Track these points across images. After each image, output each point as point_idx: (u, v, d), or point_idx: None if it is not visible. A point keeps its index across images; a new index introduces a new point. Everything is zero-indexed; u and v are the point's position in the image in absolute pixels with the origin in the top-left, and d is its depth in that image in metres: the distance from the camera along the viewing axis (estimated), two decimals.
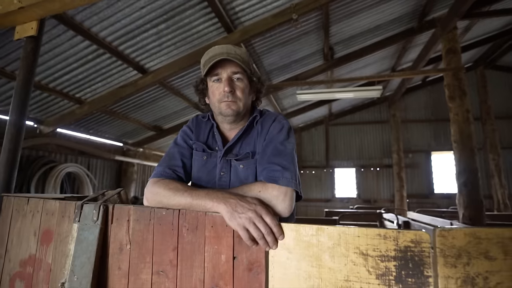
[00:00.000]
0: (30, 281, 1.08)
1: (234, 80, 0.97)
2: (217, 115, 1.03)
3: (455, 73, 4.46)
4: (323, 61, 5.39)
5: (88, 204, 1.01)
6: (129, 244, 0.93)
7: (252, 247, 0.76)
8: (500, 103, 8.90)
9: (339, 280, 0.70)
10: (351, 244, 0.70)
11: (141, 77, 3.85)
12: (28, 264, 1.11)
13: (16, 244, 1.15)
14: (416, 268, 0.65)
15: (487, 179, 8.97)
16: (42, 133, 4.35)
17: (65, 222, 1.07)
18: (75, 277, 0.92)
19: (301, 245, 0.74)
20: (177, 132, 4.01)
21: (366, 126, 10.23)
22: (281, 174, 0.84)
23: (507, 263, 0.63)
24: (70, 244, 1.00)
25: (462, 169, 4.32)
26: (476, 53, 8.33)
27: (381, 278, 0.67)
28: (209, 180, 0.99)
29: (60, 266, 1.03)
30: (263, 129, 1.01)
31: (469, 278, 0.63)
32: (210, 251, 0.82)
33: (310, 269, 0.72)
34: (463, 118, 4.35)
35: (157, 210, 0.91)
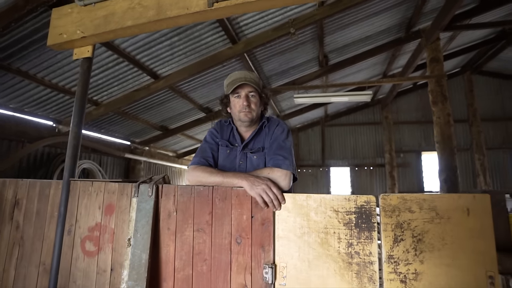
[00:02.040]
0: (98, 242, 1.46)
1: (249, 97, 1.35)
2: (237, 121, 1.42)
3: (438, 80, 4.89)
4: (319, 67, 5.79)
5: (143, 184, 1.39)
6: (175, 212, 1.32)
7: (264, 209, 1.15)
8: (485, 106, 9.36)
9: (321, 228, 1.09)
10: (328, 205, 1.09)
11: (154, 82, 4.22)
12: (95, 229, 1.49)
13: (84, 215, 1.53)
14: (367, 218, 1.05)
15: (473, 177, 9.44)
16: (61, 132, 4.69)
17: (123, 198, 1.45)
18: (138, 234, 1.30)
19: (296, 207, 1.13)
20: (182, 132, 4.46)
21: (360, 127, 10.66)
22: (283, 162, 1.23)
23: (421, 213, 1.02)
24: (131, 213, 1.38)
25: (443, 167, 4.74)
26: (463, 59, 8.79)
27: (346, 225, 1.06)
28: (231, 167, 1.37)
29: (122, 229, 1.41)
30: (269, 131, 1.39)
31: (399, 223, 1.03)
32: (235, 213, 1.20)
33: (302, 222, 1.11)
34: (444, 121, 4.76)
35: (196, 187, 1.29)
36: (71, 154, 1.68)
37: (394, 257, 1.01)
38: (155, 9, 1.50)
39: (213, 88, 5.26)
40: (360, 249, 1.03)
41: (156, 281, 1.28)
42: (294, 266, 1.09)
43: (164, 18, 1.47)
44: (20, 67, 3.18)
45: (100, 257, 1.44)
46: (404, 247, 1.01)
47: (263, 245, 1.14)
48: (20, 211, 1.70)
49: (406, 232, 1.01)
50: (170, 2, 1.47)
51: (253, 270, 1.14)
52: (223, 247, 1.20)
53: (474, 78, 9.02)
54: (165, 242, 1.30)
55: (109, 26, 1.61)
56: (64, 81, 3.71)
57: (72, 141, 1.71)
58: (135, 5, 1.56)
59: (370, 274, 1.02)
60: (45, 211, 1.64)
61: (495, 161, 9.20)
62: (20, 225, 1.68)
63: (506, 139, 9.31)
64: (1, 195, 1.79)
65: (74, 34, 1.69)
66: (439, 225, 1.01)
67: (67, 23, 1.74)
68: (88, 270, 1.46)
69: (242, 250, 1.17)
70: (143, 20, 1.52)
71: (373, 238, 1.03)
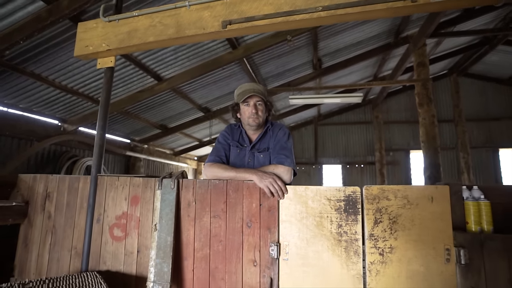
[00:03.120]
0: (125, 228, 1.69)
1: (257, 105, 1.59)
2: (245, 125, 1.66)
3: (424, 83, 5.20)
4: (312, 70, 6.05)
5: (166, 179, 1.61)
6: (194, 202, 1.55)
7: (270, 198, 1.39)
8: (470, 107, 9.77)
9: (316, 213, 1.34)
10: (322, 194, 1.34)
11: (157, 83, 4.41)
12: (122, 218, 1.71)
13: (111, 205, 1.75)
14: (353, 205, 1.30)
15: (458, 174, 9.89)
16: (66, 130, 4.85)
17: (147, 190, 1.67)
18: (163, 221, 1.53)
19: (297, 196, 1.37)
20: (180, 130, 4.72)
21: (352, 127, 10.99)
22: (285, 159, 1.47)
23: (396, 201, 1.28)
24: (155, 203, 1.61)
25: (428, 165, 5.06)
26: (450, 62, 9.17)
27: (337, 210, 1.31)
28: (241, 164, 1.61)
29: (147, 217, 1.64)
30: (273, 133, 1.64)
31: (378, 208, 1.28)
32: (246, 202, 1.45)
33: (301, 208, 1.36)
34: (429, 121, 5.08)
35: (213, 181, 1.52)
36: (97, 153, 1.89)
37: (374, 235, 1.27)
38: (175, 28, 1.71)
39: (212, 90, 5.47)
40: (347, 229, 1.29)
41: (179, 260, 1.52)
42: (295, 244, 1.34)
43: (183, 36, 1.69)
44: (33, 70, 3.34)
45: (127, 241, 1.67)
46: (382, 227, 1.27)
47: (270, 228, 1.39)
48: (51, 202, 1.90)
49: (384, 216, 1.28)
50: (188, 22, 1.69)
51: (261, 248, 1.39)
52: (236, 230, 1.44)
53: (460, 80, 9.41)
54: (185, 227, 1.54)
55: (132, 41, 1.82)
56: (73, 83, 3.88)
57: (98, 141, 1.92)
58: (156, 23, 1.78)
59: (356, 249, 1.27)
60: (74, 202, 1.85)
61: (478, 159, 9.63)
62: (52, 215, 1.88)
63: (488, 139, 9.76)
64: (33, 189, 1.99)
65: (100, 46, 1.90)
66: (409, 210, 1.27)
67: (93, 37, 1.94)
68: (116, 253, 1.68)
69: (252, 232, 1.41)
70: (163, 37, 1.74)
71: (358, 220, 1.29)
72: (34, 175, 2.01)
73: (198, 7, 1.70)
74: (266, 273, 1.36)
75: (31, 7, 2.41)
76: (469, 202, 1.24)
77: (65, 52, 3.17)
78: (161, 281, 1.43)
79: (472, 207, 1.23)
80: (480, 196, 1.25)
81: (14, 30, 2.44)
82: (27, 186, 2.02)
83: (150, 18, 1.81)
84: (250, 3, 1.59)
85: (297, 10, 1.47)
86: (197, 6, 1.70)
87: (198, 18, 1.67)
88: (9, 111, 3.99)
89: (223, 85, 5.37)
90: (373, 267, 1.25)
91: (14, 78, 3.37)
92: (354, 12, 1.40)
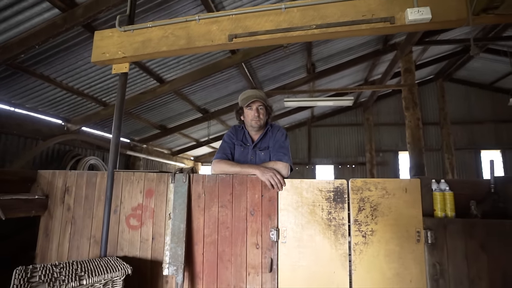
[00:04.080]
0: (140, 218, 1.87)
1: (259, 109, 1.80)
2: (248, 127, 1.86)
3: (410, 88, 5.50)
4: (306, 74, 6.30)
5: (178, 174, 1.81)
6: (203, 194, 1.75)
7: (271, 190, 1.60)
8: (455, 110, 10.17)
9: (310, 202, 1.55)
10: (315, 186, 1.56)
11: (159, 85, 4.57)
12: (137, 209, 1.89)
13: (127, 198, 1.93)
14: (341, 195, 1.52)
15: (443, 174, 10.28)
16: (69, 130, 4.97)
17: (161, 184, 1.86)
18: (176, 210, 1.73)
19: (293, 188, 1.59)
20: (179, 131, 4.97)
21: (344, 128, 11.30)
22: (283, 157, 1.69)
23: (376, 192, 1.51)
24: (168, 195, 1.80)
25: (413, 165, 5.36)
26: (436, 67, 9.55)
27: (327, 200, 1.53)
28: (244, 160, 1.81)
29: (161, 208, 1.82)
30: (272, 134, 1.85)
31: (361, 198, 1.51)
32: (249, 193, 1.65)
33: (297, 198, 1.57)
34: (414, 124, 5.37)
35: (220, 175, 1.73)
36: (114, 151, 2.06)
37: (358, 220, 1.49)
38: (186, 39, 1.91)
39: (211, 92, 5.66)
40: (336, 216, 1.51)
41: (190, 244, 1.71)
42: (291, 229, 1.56)
43: (193, 47, 1.88)
44: (43, 72, 3.48)
45: (143, 229, 1.85)
46: (365, 214, 1.49)
47: (270, 215, 1.60)
48: (70, 196, 2.07)
49: (366, 204, 1.50)
50: (198, 34, 1.89)
51: (263, 233, 1.60)
52: (241, 217, 1.65)
53: (445, 85, 9.81)
54: (196, 216, 1.74)
55: (146, 50, 2.01)
56: (79, 84, 4.02)
57: (114, 140, 2.09)
58: (169, 34, 1.97)
59: (342, 232, 1.50)
60: (93, 195, 2.03)
61: (462, 160, 10.04)
62: (71, 207, 2.05)
63: (471, 141, 10.19)
64: (52, 183, 2.15)
65: (116, 54, 2.08)
66: (387, 199, 1.50)
67: (109, 45, 2.12)
68: (133, 240, 1.87)
69: (255, 219, 1.62)
70: (175, 47, 1.93)
71: (344, 208, 1.51)
72: (53, 171, 2.17)
73: (206, 21, 1.90)
74: (267, 254, 1.57)
75: (47, 14, 2.57)
76: (436, 193, 1.48)
77: (74, 56, 3.32)
78: (175, 262, 1.62)
79: (439, 197, 1.46)
80: (445, 188, 1.49)
81: (30, 35, 2.59)
82: (46, 181, 2.17)
83: (163, 29, 2.00)
84: (253, 19, 1.80)
85: (294, 28, 1.69)
86: (206, 20, 1.90)
87: (207, 31, 1.87)
88: (15, 110, 4.10)
89: (222, 88, 5.56)
90: (357, 247, 1.47)
91: (23, 79, 3.50)
92: (342, 30, 1.62)
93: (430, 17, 1.42)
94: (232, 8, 3.43)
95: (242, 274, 1.60)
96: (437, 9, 1.43)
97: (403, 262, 1.43)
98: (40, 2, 2.42)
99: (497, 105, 10.01)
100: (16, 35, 2.64)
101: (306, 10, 1.68)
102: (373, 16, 1.53)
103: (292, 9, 1.71)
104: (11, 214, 1.86)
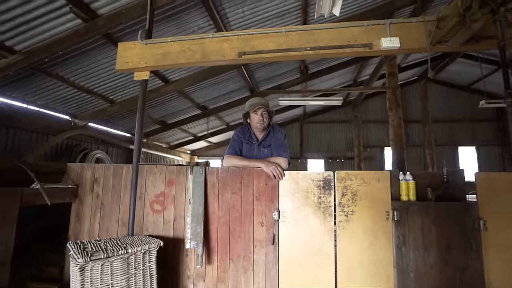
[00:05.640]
0: (163, 203, 2.21)
1: (263, 114, 2.15)
2: (254, 128, 2.22)
3: (393, 90, 5.93)
4: (300, 75, 6.66)
5: (196, 166, 2.15)
6: (217, 183, 2.10)
7: (273, 180, 1.97)
8: (436, 109, 10.73)
9: (304, 189, 1.93)
10: (308, 177, 1.94)
11: (164, 85, 4.85)
12: (160, 195, 2.23)
13: (150, 186, 2.26)
14: (328, 183, 1.91)
15: (424, 169, 10.91)
16: (76, 125, 5.19)
17: (181, 175, 2.20)
18: (195, 196, 2.08)
19: (291, 178, 1.96)
20: (179, 126, 5.38)
21: (334, 125, 11.77)
22: (283, 153, 2.05)
23: (356, 181, 1.89)
24: (187, 184, 2.14)
25: (395, 160, 5.83)
26: (419, 70, 10.07)
27: (317, 187, 1.92)
28: (251, 156, 2.17)
29: (181, 195, 2.17)
30: (274, 134, 2.21)
31: (345, 186, 1.90)
32: (256, 182, 2.02)
33: (294, 186, 1.95)
34: (397, 123, 5.83)
35: (231, 168, 2.08)
36: (137, 147, 2.39)
37: (342, 203, 1.88)
38: (201, 54, 2.23)
39: (211, 90, 5.95)
40: (324, 199, 1.90)
41: (207, 224, 2.07)
42: (290, 210, 1.94)
43: (208, 61, 2.21)
44: (58, 73, 3.71)
45: (165, 213, 2.20)
46: (347, 198, 1.88)
47: (272, 200, 1.97)
48: (99, 185, 2.39)
49: (348, 191, 1.89)
50: (211, 50, 2.21)
51: (266, 213, 1.97)
52: (249, 202, 2.01)
53: (428, 86, 10.34)
54: (211, 201, 2.09)
55: (166, 62, 2.32)
56: (90, 83, 4.26)
57: (138, 137, 2.41)
58: (186, 49, 2.28)
59: (329, 212, 1.88)
60: (119, 185, 2.35)
61: (441, 155, 10.67)
62: (100, 195, 2.37)
63: (450, 138, 10.83)
64: (81, 175, 2.45)
65: (138, 64, 2.38)
66: (365, 187, 1.89)
67: (132, 55, 2.41)
68: (156, 222, 2.21)
69: (260, 203, 1.99)
70: (192, 60, 2.25)
71: (331, 193, 1.90)
72: (82, 164, 2.47)
73: (219, 39, 2.22)
74: (270, 231, 1.95)
75: (71, 23, 2.82)
76: (402, 182, 1.87)
77: (89, 58, 3.57)
78: (196, 238, 1.98)
79: (404, 185, 1.86)
80: (409, 178, 1.89)
81: (55, 42, 2.84)
82: (76, 173, 2.47)
83: (181, 44, 2.31)
84: (259, 40, 2.13)
85: (292, 49, 2.04)
86: (218, 38, 2.22)
87: (219, 48, 2.20)
88: (28, 107, 4.31)
89: (221, 87, 5.86)
90: (340, 224, 1.86)
91: (39, 79, 3.72)
92: (331, 52, 1.98)
93: (399, 46, 1.79)
94: (235, 18, 3.73)
95: (250, 246, 1.98)
96: (405, 39, 1.80)
97: (376, 235, 1.83)
98: (66, 13, 2.67)
99: (474, 105, 10.61)
100: (41, 41, 2.88)
101: (303, 34, 2.03)
102: (356, 42, 1.89)
103: (291, 33, 2.05)
104: (52, 201, 2.17)
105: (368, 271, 1.82)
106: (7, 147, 3.91)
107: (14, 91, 3.78)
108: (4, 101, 3.72)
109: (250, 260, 1.97)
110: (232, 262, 1.99)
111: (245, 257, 1.97)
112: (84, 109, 5.05)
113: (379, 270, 1.81)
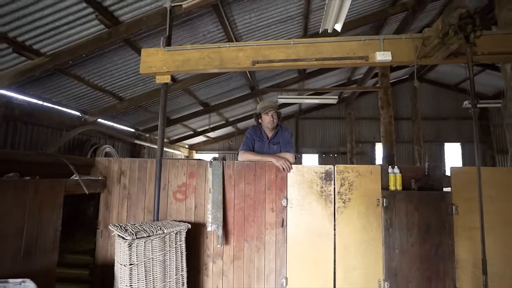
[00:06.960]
0: (185, 193, 2.50)
1: (273, 116, 2.45)
2: (265, 127, 2.52)
3: (385, 90, 6.28)
4: (298, 74, 6.94)
5: (214, 161, 2.44)
6: (233, 175, 2.41)
7: (282, 172, 2.29)
8: (425, 107, 11.20)
9: (308, 180, 2.25)
10: (312, 170, 2.26)
11: (172, 84, 5.07)
12: (182, 186, 2.52)
13: (173, 178, 2.55)
14: (329, 175, 2.23)
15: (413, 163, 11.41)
16: (86, 121, 5.39)
17: (201, 168, 2.49)
18: (215, 186, 2.38)
19: (297, 171, 2.28)
20: (181, 121, 5.71)
21: (328, 121, 12.14)
22: (290, 149, 2.36)
23: (353, 173, 2.22)
24: (207, 176, 2.44)
25: (385, 155, 6.22)
26: (410, 69, 10.45)
27: (320, 178, 2.24)
28: (262, 152, 2.48)
29: (201, 185, 2.46)
30: (282, 133, 2.52)
31: (343, 177, 2.23)
32: (267, 174, 2.33)
33: (300, 178, 2.27)
34: (387, 121, 6.20)
35: (246, 162, 2.38)
36: (160, 144, 2.66)
37: (340, 192, 2.21)
38: (219, 61, 2.50)
39: (214, 88, 6.20)
40: (326, 189, 2.22)
41: (224, 211, 2.37)
42: (296, 198, 2.26)
43: (225, 68, 2.48)
44: (76, 72, 3.91)
45: (187, 201, 2.49)
46: (345, 188, 2.21)
47: (282, 189, 2.29)
48: (125, 177, 2.66)
49: (346, 181, 2.22)
50: (228, 58, 2.48)
51: (276, 201, 2.29)
52: (261, 191, 2.33)
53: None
54: (228, 191, 2.39)
55: (186, 67, 2.58)
56: (103, 82, 4.46)
57: (161, 135, 2.68)
58: (205, 56, 2.54)
59: (330, 199, 2.21)
60: (144, 177, 2.62)
61: (429, 151, 11.19)
62: (127, 186, 2.64)
63: (438, 135, 11.33)
64: (109, 168, 2.72)
65: (161, 68, 2.64)
66: (360, 178, 2.22)
67: (155, 61, 2.66)
68: (179, 209, 2.50)
69: (271, 192, 2.31)
70: (210, 67, 2.52)
71: (331, 184, 2.22)
72: (108, 159, 2.73)
73: (234, 48, 2.49)
74: (280, 215, 2.27)
75: (94, 29, 3.03)
76: (391, 174, 2.21)
77: (106, 59, 3.78)
78: (216, 222, 2.29)
79: (392, 177, 2.20)
80: (397, 171, 2.22)
81: (79, 45, 3.05)
82: (103, 166, 2.73)
83: (200, 52, 2.57)
84: (270, 50, 2.42)
85: (299, 59, 2.33)
86: (234, 48, 2.49)
87: (235, 57, 2.47)
88: (44, 104, 4.50)
89: (224, 85, 6.11)
90: (339, 209, 2.19)
91: (57, 78, 3.92)
92: (334, 63, 2.28)
93: (391, 59, 2.11)
94: (242, 23, 3.98)
95: (262, 229, 2.30)
96: (396, 53, 2.12)
97: (368, 218, 2.17)
98: (91, 20, 2.88)
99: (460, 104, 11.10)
100: (66, 45, 3.08)
101: (308, 46, 2.32)
102: (354, 55, 2.20)
103: (298, 45, 2.34)
104: (88, 190, 2.44)
105: (361, 249, 2.16)
106: (27, 142, 4.11)
107: (33, 89, 3.97)
108: (24, 99, 3.91)
109: (262, 241, 2.30)
110: (247, 242, 2.31)
111: (258, 238, 2.30)
112: (95, 105, 5.24)
113: (370, 247, 2.15)
